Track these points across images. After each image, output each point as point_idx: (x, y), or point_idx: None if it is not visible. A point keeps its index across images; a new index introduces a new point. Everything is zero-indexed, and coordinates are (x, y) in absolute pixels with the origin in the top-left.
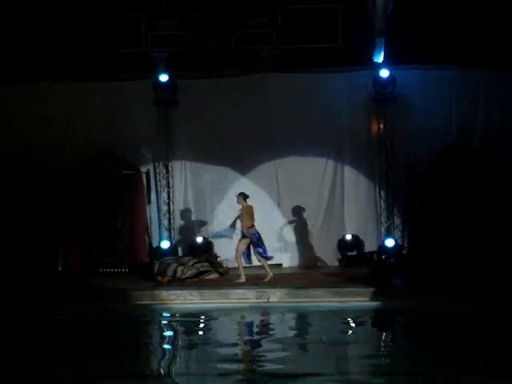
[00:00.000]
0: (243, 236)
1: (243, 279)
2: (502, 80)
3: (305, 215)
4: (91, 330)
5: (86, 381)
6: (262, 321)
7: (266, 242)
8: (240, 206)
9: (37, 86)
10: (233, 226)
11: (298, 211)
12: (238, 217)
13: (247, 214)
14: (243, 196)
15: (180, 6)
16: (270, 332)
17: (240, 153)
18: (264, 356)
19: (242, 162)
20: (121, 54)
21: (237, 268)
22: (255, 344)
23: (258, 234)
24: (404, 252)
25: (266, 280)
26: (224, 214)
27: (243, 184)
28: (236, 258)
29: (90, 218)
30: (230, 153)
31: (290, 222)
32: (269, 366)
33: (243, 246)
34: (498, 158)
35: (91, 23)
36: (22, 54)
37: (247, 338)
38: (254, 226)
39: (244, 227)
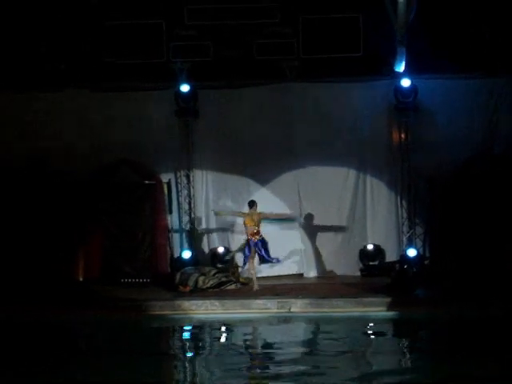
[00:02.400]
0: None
1: (257, 286)
2: None
3: (326, 225)
4: (112, 339)
5: None
6: (282, 331)
7: (287, 252)
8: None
9: (60, 94)
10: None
11: (319, 221)
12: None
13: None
14: (251, 204)
15: (201, 16)
16: (291, 342)
17: (261, 163)
18: (283, 367)
19: (263, 172)
20: (143, 64)
21: (258, 278)
22: (274, 354)
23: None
24: (426, 262)
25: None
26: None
27: (264, 194)
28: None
29: (110, 226)
30: (251, 163)
31: (312, 232)
32: (288, 377)
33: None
34: None
35: (112, 33)
36: (43, 61)
37: (267, 347)
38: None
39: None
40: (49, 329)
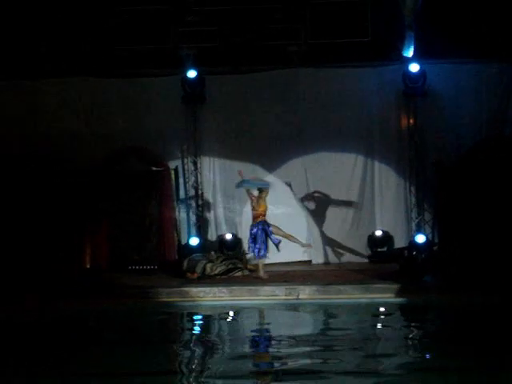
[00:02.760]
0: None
1: (262, 274)
2: None
3: (334, 211)
4: (119, 327)
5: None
6: (291, 318)
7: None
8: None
9: (64, 81)
10: None
11: (327, 207)
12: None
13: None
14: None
15: (207, 2)
16: (300, 329)
17: (268, 149)
18: (291, 353)
19: (271, 158)
20: (149, 49)
21: (266, 265)
22: (283, 341)
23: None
24: (435, 248)
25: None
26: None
27: (271, 180)
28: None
29: (118, 213)
30: (258, 149)
31: (320, 219)
32: (296, 364)
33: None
34: None
35: (118, 19)
36: (48, 49)
37: (276, 334)
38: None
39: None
40: (57, 318)
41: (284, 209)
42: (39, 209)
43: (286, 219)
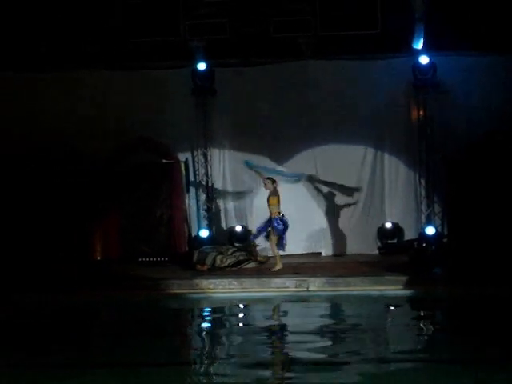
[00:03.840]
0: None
1: (280, 266)
2: None
3: (344, 203)
4: (129, 319)
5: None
6: (300, 310)
7: (304, 231)
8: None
9: (76, 73)
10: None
11: (337, 199)
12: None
13: (276, 198)
14: (272, 180)
15: None
16: (310, 320)
17: (279, 141)
18: (302, 344)
19: (281, 150)
20: (159, 42)
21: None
22: (293, 332)
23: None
24: (444, 240)
25: (274, 270)
26: (263, 201)
27: (283, 171)
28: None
29: (128, 206)
30: (268, 141)
31: (329, 211)
32: (307, 355)
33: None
34: None
35: (128, 12)
36: (59, 42)
37: (286, 326)
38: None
39: (274, 213)
40: (67, 309)
41: (294, 202)
42: (51, 200)
43: (297, 212)
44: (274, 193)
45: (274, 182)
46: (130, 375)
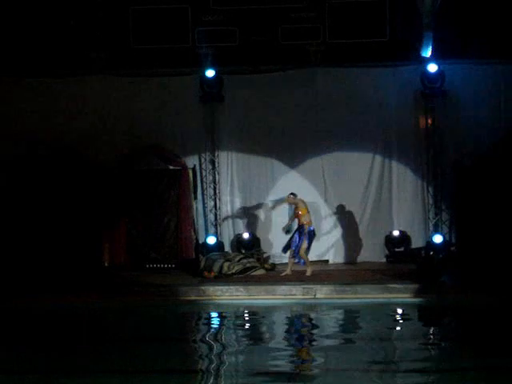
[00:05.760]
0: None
1: (311, 270)
2: None
3: (352, 211)
4: (136, 324)
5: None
6: (308, 317)
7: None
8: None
9: (85, 80)
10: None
11: (344, 207)
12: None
13: (305, 209)
14: (293, 195)
15: (226, 1)
16: (317, 328)
17: (286, 148)
18: (306, 353)
19: (289, 158)
20: (168, 49)
21: (284, 264)
22: (299, 340)
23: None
24: (452, 248)
25: (308, 275)
26: (271, 210)
27: (290, 179)
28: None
29: (136, 212)
30: (276, 148)
31: (337, 218)
32: (311, 363)
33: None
34: None
35: (138, 18)
36: (68, 46)
37: (293, 333)
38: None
39: (306, 223)
40: (75, 315)
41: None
42: (58, 207)
43: None
44: (302, 203)
45: (295, 195)
46: (135, 381)
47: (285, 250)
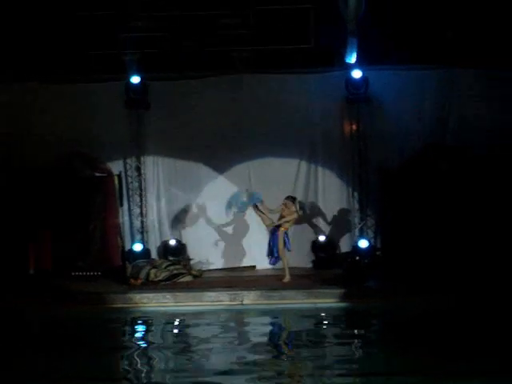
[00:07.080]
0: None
1: (289, 277)
2: (479, 79)
3: (278, 216)
4: (63, 332)
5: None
6: (235, 323)
7: (238, 243)
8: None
9: (7, 86)
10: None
11: (270, 213)
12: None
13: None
14: (292, 198)
15: (152, 7)
16: (244, 335)
17: (213, 154)
18: (236, 360)
19: (216, 163)
20: (93, 55)
21: (211, 271)
22: (227, 348)
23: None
24: (378, 253)
25: (285, 281)
26: (197, 216)
27: (216, 185)
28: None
29: (61, 220)
30: (203, 154)
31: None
32: (242, 369)
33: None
34: (470, 156)
35: (63, 24)
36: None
37: (220, 341)
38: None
39: (284, 228)
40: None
41: (230, 215)
42: None
43: (232, 225)
44: (295, 214)
45: (294, 199)
46: None
47: (269, 255)
